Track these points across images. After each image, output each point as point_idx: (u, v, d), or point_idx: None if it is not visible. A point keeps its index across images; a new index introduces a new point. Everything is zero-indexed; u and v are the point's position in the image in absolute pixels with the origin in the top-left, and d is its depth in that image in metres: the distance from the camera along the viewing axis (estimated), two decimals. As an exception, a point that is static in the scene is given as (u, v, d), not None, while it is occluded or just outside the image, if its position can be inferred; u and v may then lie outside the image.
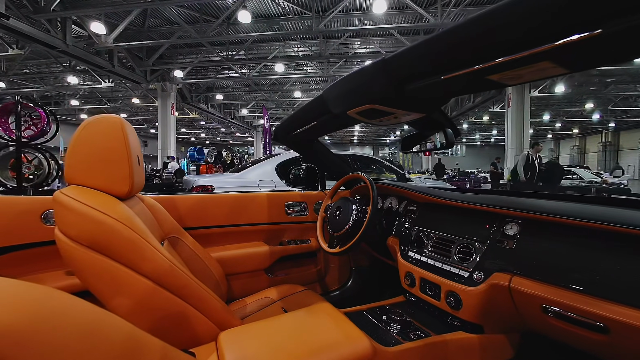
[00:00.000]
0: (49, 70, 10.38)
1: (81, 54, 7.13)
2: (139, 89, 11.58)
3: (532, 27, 0.39)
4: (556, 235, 0.73)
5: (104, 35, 6.95)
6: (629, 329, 0.54)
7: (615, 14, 0.31)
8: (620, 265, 0.60)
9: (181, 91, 11.31)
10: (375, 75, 0.66)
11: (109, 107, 14.99)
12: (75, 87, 11.05)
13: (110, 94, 13.67)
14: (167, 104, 10.44)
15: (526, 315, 0.73)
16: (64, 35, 6.58)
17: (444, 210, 1.05)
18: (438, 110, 0.83)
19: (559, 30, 0.36)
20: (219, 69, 10.59)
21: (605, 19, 0.32)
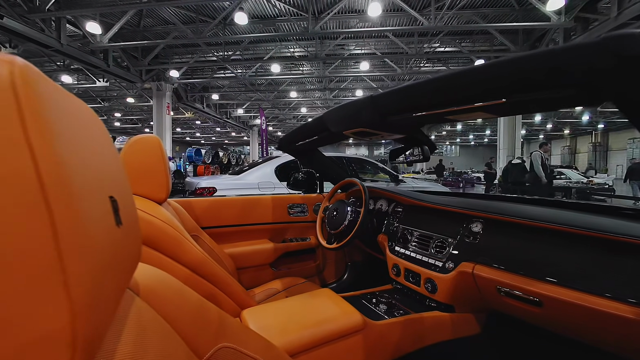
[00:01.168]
0: (42, 69, 10.23)
1: (76, 53, 7.09)
2: (134, 88, 11.52)
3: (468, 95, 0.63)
4: (509, 232, 0.90)
5: (99, 35, 6.92)
6: (556, 302, 0.72)
7: (510, 93, 0.57)
8: (554, 254, 0.77)
9: (176, 91, 11.27)
10: (365, 107, 0.86)
11: (103, 106, 14.87)
12: (69, 86, 10.95)
13: (105, 94, 13.56)
14: (162, 103, 10.40)
15: (486, 295, 0.90)
16: (58, 35, 6.54)
17: (425, 212, 1.22)
18: (416, 131, 1.03)
19: (483, 98, 0.61)
20: (214, 69, 10.58)
21: (506, 95, 0.59)
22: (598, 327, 0.68)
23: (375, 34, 7.97)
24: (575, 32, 6.54)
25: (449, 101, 0.67)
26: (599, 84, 0.47)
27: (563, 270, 0.74)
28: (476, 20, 6.94)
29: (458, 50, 8.63)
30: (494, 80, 0.57)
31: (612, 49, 0.41)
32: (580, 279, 0.70)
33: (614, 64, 0.42)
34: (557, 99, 0.54)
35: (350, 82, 11.89)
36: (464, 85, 0.62)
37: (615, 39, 0.41)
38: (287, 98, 13.72)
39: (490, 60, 4.69)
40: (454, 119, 0.79)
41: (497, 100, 0.59)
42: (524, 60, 0.51)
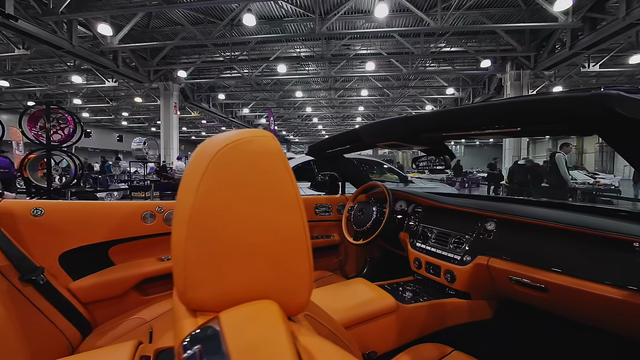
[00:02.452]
0: (52, 70, 10.46)
1: (86, 54, 7.23)
2: (142, 88, 11.67)
3: (492, 122, 0.81)
4: (519, 230, 1.04)
5: (109, 36, 7.05)
6: (560, 288, 0.84)
7: (525, 124, 0.77)
8: (557, 249, 0.91)
9: (183, 90, 11.39)
10: (400, 126, 1.07)
11: (111, 106, 15.07)
12: (79, 86, 11.14)
13: (113, 93, 13.74)
14: (169, 103, 10.53)
15: (499, 284, 1.03)
16: (70, 36, 6.68)
17: (443, 212, 1.36)
18: (440, 143, 1.23)
19: (504, 126, 0.80)
20: (221, 69, 10.68)
21: (522, 125, 0.78)
22: (596, 308, 0.80)
23: (381, 34, 7.99)
24: (583, 32, 6.51)
25: (474, 126, 0.87)
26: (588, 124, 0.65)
27: (565, 262, 0.87)
28: (483, 21, 6.94)
29: (464, 50, 8.62)
30: (514, 115, 0.75)
31: (599, 104, 0.57)
32: (580, 269, 0.83)
33: (600, 114, 0.58)
34: (559, 129, 0.74)
35: (355, 81, 11.92)
36: (488, 116, 0.80)
37: (602, 97, 0.56)
38: (293, 98, 13.79)
39: (494, 57, 4.78)
40: (474, 137, 0.98)
41: (514, 128, 0.79)
42: (536, 102, 0.69)
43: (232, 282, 0.32)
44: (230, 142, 0.32)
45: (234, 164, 0.32)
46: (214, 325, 0.30)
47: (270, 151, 0.34)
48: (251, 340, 0.28)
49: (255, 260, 0.32)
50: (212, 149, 0.33)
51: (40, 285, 0.94)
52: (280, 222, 0.33)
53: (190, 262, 0.31)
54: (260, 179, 0.33)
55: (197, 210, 0.31)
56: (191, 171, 0.35)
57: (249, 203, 0.33)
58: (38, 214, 1.09)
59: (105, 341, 0.99)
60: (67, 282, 1.11)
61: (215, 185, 0.32)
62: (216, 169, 0.32)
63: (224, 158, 0.32)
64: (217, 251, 0.32)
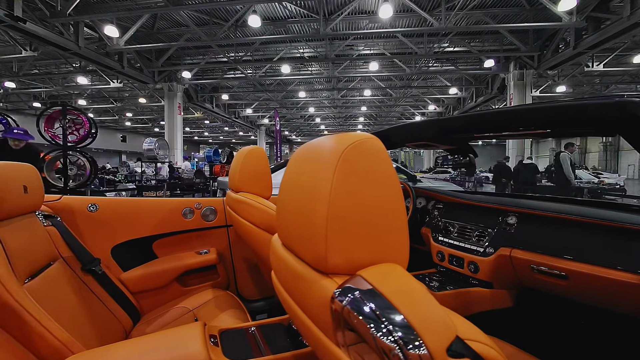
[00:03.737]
0: (57, 71, 10.55)
1: (92, 55, 7.31)
2: (146, 89, 11.75)
3: (524, 125, 0.93)
4: (539, 223, 1.11)
5: (115, 38, 7.12)
6: (580, 275, 0.91)
7: (554, 127, 0.93)
8: (575, 239, 0.98)
9: (187, 91, 11.47)
10: (431, 127, 1.18)
11: (115, 107, 15.18)
12: (84, 87, 11.23)
13: (117, 94, 13.85)
14: (173, 104, 10.60)
15: (520, 273, 1.09)
16: (76, 38, 6.76)
17: (464, 207, 1.43)
18: (465, 144, 1.34)
19: (535, 128, 0.94)
20: (225, 70, 10.74)
21: (551, 127, 0.94)
22: (614, 292, 0.86)
23: (385, 35, 8.02)
24: (587, 32, 6.52)
25: (507, 128, 0.96)
26: (611, 125, 0.75)
27: (584, 251, 0.94)
28: (486, 21, 6.95)
29: (467, 50, 8.64)
30: (546, 119, 0.86)
31: (623, 109, 0.68)
32: (598, 257, 0.90)
33: (623, 117, 0.69)
34: (585, 131, 0.86)
35: (358, 82, 11.95)
36: (522, 119, 0.88)
37: (626, 103, 0.68)
38: (296, 98, 13.83)
39: (497, 57, 4.87)
40: (502, 137, 1.08)
41: (544, 130, 0.90)
42: (567, 107, 0.79)
43: (360, 250, 0.41)
44: (351, 142, 0.41)
45: (357, 159, 0.41)
46: (359, 280, 0.38)
47: (379, 149, 0.43)
48: (396, 286, 0.37)
49: (376, 233, 0.41)
50: (335, 148, 0.42)
51: (98, 275, 1.03)
52: (390, 204, 0.42)
53: (330, 235, 0.40)
54: (375, 170, 0.42)
55: (334, 195, 0.40)
56: (312, 165, 0.46)
57: (369, 188, 0.41)
58: (93, 210, 1.21)
59: (153, 328, 1.07)
60: (118, 272, 1.21)
61: (345, 176, 0.40)
62: (344, 164, 0.40)
63: (350, 155, 0.41)
64: (349, 226, 0.40)
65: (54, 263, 0.93)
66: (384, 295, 0.35)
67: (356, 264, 0.40)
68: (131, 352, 0.74)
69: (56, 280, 0.89)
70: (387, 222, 0.42)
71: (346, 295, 0.37)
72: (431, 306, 0.36)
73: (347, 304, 0.36)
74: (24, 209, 0.89)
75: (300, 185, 0.48)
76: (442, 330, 0.33)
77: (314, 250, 0.41)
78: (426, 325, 0.33)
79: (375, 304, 0.35)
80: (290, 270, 0.51)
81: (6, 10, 5.24)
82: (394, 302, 0.34)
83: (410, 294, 0.36)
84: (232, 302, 1.20)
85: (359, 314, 0.35)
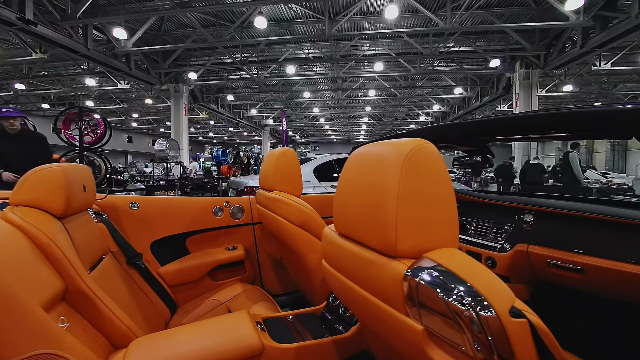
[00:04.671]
0: (66, 73, 10.71)
1: (101, 57, 7.41)
2: (152, 90, 11.87)
3: (547, 128, 1.01)
4: (555, 220, 1.15)
5: (123, 40, 7.21)
6: (595, 269, 0.95)
7: (574, 130, 1.05)
8: (590, 235, 1.02)
9: (192, 92, 11.56)
10: (454, 131, 1.25)
11: (122, 107, 15.35)
12: (91, 88, 11.38)
13: (124, 95, 14.00)
14: (179, 104, 10.70)
15: (537, 268, 1.14)
16: (85, 40, 6.86)
17: (480, 206, 1.48)
18: (484, 146, 1.43)
19: (557, 131, 1.02)
20: (230, 71, 10.82)
21: (572, 131, 1.08)
22: (628, 284, 0.91)
23: (390, 35, 8.02)
24: (594, 31, 6.47)
25: (528, 132, 1.04)
26: (629, 130, 0.84)
27: (599, 246, 0.98)
28: (492, 20, 6.93)
29: (473, 50, 8.61)
30: (567, 123, 0.94)
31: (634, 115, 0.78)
32: (613, 252, 0.95)
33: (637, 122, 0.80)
34: (602, 135, 0.96)
35: (362, 82, 11.96)
36: (545, 123, 0.95)
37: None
38: (300, 98, 13.87)
39: (503, 56, 4.92)
40: (522, 140, 1.19)
41: (565, 133, 0.98)
42: (588, 113, 0.88)
43: (424, 237, 0.49)
44: (412, 147, 0.50)
45: (419, 162, 0.49)
46: (427, 261, 0.46)
47: (435, 152, 0.51)
48: (460, 263, 0.45)
49: (436, 223, 0.50)
50: (399, 153, 0.50)
51: (141, 269, 1.11)
52: (446, 198, 0.50)
53: (400, 225, 0.47)
54: (433, 170, 0.50)
55: (402, 192, 0.48)
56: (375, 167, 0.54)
57: (429, 185, 0.49)
58: (135, 208, 1.29)
59: (190, 319, 1.13)
60: (157, 267, 1.29)
61: (410, 176, 0.48)
62: (409, 166, 0.49)
63: (413, 158, 0.49)
64: (415, 217, 0.48)
65: (105, 257, 1.01)
66: (452, 271, 0.43)
67: (420, 248, 0.48)
68: (190, 335, 0.81)
69: (109, 273, 0.96)
70: (444, 213, 0.50)
71: (419, 273, 0.45)
72: (492, 278, 0.44)
73: (421, 280, 0.44)
74: (83, 206, 0.97)
75: (364, 184, 0.56)
76: (504, 296, 0.41)
77: (384, 238, 0.50)
78: (491, 292, 0.40)
79: (446, 278, 0.42)
80: (353, 257, 0.59)
81: (18, 13, 5.35)
82: (461, 275, 0.42)
83: (473, 269, 0.44)
84: (262, 295, 1.27)
85: (433, 286, 0.42)
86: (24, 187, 0.82)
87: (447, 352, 0.44)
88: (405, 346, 0.51)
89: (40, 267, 0.70)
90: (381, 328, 0.56)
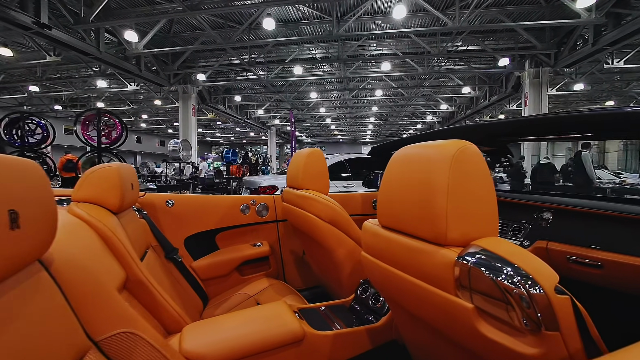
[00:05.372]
0: (78, 75, 10.93)
1: (112, 59, 7.55)
2: (161, 91, 12.04)
3: (569, 130, 1.08)
4: (574, 217, 1.18)
5: (134, 42, 7.34)
6: (614, 264, 0.98)
7: (597, 131, 1.12)
8: (608, 232, 1.05)
9: (200, 93, 11.68)
10: (477, 131, 1.30)
11: (131, 109, 15.59)
12: (102, 90, 11.60)
13: (133, 96, 14.22)
14: (188, 105, 10.83)
15: (556, 264, 1.15)
16: (97, 43, 7.00)
17: (498, 204, 1.46)
18: (504, 146, 1.47)
19: (580, 132, 1.15)
20: (238, 72, 10.91)
21: (594, 132, 1.14)
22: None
23: (397, 35, 8.00)
24: (607, 28, 6.35)
25: (552, 133, 1.10)
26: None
27: (617, 242, 1.02)
28: (501, 19, 6.86)
29: (481, 49, 8.53)
30: (590, 124, 0.99)
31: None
32: (631, 247, 0.98)
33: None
34: (622, 135, 0.97)
35: (369, 82, 11.94)
36: (569, 125, 1.00)
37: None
38: (307, 99, 13.91)
39: (512, 55, 4.90)
40: (543, 141, 1.28)
41: (589, 134, 1.02)
42: (610, 115, 0.91)
43: (470, 227, 0.55)
44: (458, 148, 0.56)
45: (464, 161, 0.55)
46: (475, 248, 0.52)
47: (477, 152, 0.57)
48: (507, 249, 0.50)
49: (480, 214, 0.56)
50: (447, 152, 0.56)
51: (178, 263, 1.17)
52: (488, 192, 0.56)
53: (449, 216, 0.54)
54: (476, 168, 0.56)
55: (451, 187, 0.54)
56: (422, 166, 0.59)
57: (474, 181, 0.55)
58: (170, 205, 1.36)
59: (222, 310, 1.19)
60: (190, 261, 1.36)
61: (458, 173, 0.54)
62: (456, 164, 0.54)
63: (460, 157, 0.55)
64: (462, 210, 0.54)
65: (148, 250, 1.08)
66: (500, 255, 0.49)
67: (468, 237, 0.55)
68: (236, 322, 0.88)
69: (153, 265, 1.03)
70: (487, 206, 0.56)
71: (469, 258, 0.51)
72: (536, 260, 0.50)
73: (472, 264, 0.50)
74: (131, 203, 1.05)
75: (411, 181, 0.62)
76: (549, 275, 0.47)
77: (435, 228, 0.56)
78: (537, 272, 0.46)
79: (495, 261, 0.48)
80: (401, 246, 0.64)
81: (33, 17, 5.49)
82: (509, 259, 0.48)
83: (518, 252, 0.50)
84: (288, 289, 1.33)
85: (484, 268, 0.48)
86: (84, 185, 0.88)
87: (497, 327, 0.49)
88: (454, 325, 0.56)
89: (107, 257, 0.77)
90: (429, 311, 0.62)
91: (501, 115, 16.17)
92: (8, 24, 5.43)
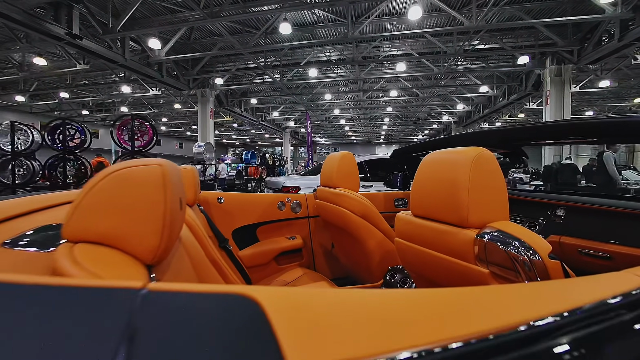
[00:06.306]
0: (104, 81, 11.50)
1: (136, 66, 7.93)
2: (181, 95, 12.46)
3: (578, 135, 1.20)
4: (585, 214, 1.27)
5: (157, 49, 7.67)
6: (622, 256, 1.07)
7: (602, 136, 1.22)
8: (617, 226, 1.14)
9: (218, 96, 12.01)
10: (494, 136, 1.39)
11: (153, 112, 16.20)
12: (126, 95, 12.14)
13: (155, 101, 14.78)
14: (206, 108, 11.16)
15: (568, 257, 1.25)
16: (123, 51, 7.38)
17: (512, 202, 1.63)
18: (519, 149, 1.57)
19: (588, 137, 1.21)
20: (254, 75, 11.15)
21: (599, 137, 1.23)
22: None
23: (412, 35, 7.97)
24: (634, 22, 6.10)
25: (563, 137, 1.22)
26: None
27: (626, 236, 1.10)
28: (520, 16, 6.71)
29: (499, 47, 8.36)
30: (599, 130, 1.09)
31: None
32: (636, 241, 1.06)
33: None
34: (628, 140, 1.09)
35: (384, 82, 11.91)
36: (579, 131, 1.12)
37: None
38: (321, 100, 14.02)
39: (532, 53, 4.86)
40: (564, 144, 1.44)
41: (594, 139, 1.16)
42: (615, 123, 1.02)
43: (486, 213, 0.70)
44: (477, 153, 0.71)
45: (482, 163, 0.70)
46: (490, 228, 0.67)
47: (491, 156, 0.72)
48: (515, 229, 0.65)
49: (494, 202, 0.71)
50: (468, 157, 0.71)
51: (228, 251, 1.33)
52: (499, 188, 0.72)
53: (470, 205, 0.69)
54: (491, 169, 0.71)
55: (472, 183, 0.69)
56: (448, 166, 0.75)
57: (489, 178, 0.71)
58: (220, 202, 1.56)
59: None
60: (236, 251, 1.52)
61: (477, 172, 0.70)
62: (476, 166, 0.70)
63: (479, 161, 0.70)
64: (481, 199, 0.69)
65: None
66: (509, 233, 0.65)
67: (484, 221, 0.70)
68: None
69: None
70: (499, 197, 0.72)
71: (486, 236, 0.67)
72: (534, 235, 0.64)
73: (489, 240, 0.66)
74: (198, 198, 1.22)
75: (439, 179, 0.77)
76: (543, 246, 0.61)
77: (459, 214, 0.71)
78: (535, 244, 0.61)
79: (505, 237, 0.64)
80: (431, 230, 0.80)
81: (66, 29, 5.86)
82: (516, 235, 0.63)
83: (522, 231, 0.65)
84: (321, 278, 1.47)
85: (498, 242, 0.64)
86: None
87: None
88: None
89: (192, 238, 0.93)
90: (453, 277, 0.77)
91: (521, 115, 15.71)
92: (44, 36, 5.83)
